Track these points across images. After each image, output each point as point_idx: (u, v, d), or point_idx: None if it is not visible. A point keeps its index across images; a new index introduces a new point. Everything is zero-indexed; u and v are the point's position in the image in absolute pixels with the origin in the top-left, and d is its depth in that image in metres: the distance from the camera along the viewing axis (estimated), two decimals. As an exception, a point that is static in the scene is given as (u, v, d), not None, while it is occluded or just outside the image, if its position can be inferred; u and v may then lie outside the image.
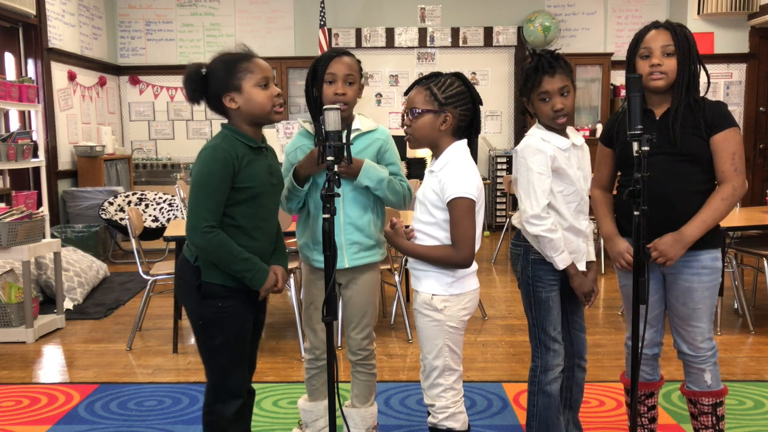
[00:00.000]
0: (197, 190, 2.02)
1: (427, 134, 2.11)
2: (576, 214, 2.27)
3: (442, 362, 2.11)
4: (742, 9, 7.82)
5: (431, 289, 2.11)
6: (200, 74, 2.07)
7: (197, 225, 2.00)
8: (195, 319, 2.14)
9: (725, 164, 2.23)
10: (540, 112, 2.24)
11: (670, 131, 2.23)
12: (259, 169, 2.10)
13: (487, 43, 8.57)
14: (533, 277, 2.29)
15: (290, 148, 2.55)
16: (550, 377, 2.31)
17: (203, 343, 2.15)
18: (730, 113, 2.28)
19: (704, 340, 2.31)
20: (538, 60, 2.20)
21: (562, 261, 2.22)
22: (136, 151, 8.66)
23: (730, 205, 2.24)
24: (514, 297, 5.28)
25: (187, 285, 2.12)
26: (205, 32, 8.56)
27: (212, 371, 2.16)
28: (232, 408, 2.15)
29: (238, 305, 2.12)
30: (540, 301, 2.29)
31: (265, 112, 2.09)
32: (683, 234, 2.22)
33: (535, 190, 2.19)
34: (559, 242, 2.20)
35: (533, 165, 2.20)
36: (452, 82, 2.10)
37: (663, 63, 2.23)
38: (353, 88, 2.43)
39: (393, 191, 2.47)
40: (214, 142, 2.05)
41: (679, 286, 2.31)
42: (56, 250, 4.62)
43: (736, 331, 4.31)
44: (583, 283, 2.27)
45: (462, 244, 2.03)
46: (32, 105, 5.00)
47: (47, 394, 3.40)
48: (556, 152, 2.21)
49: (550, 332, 2.29)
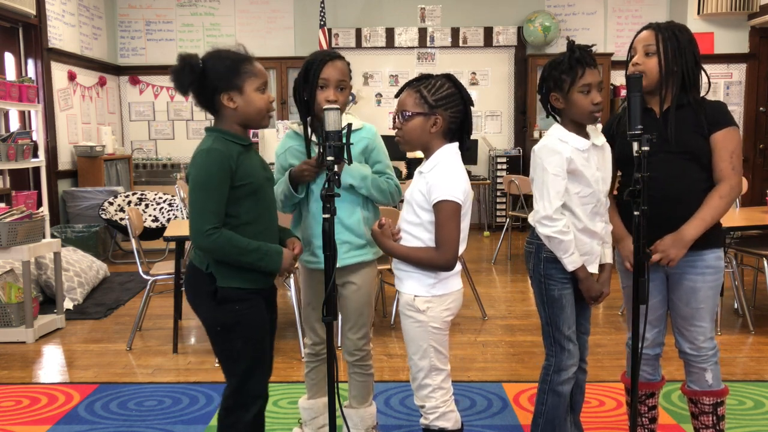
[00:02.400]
0: (197, 194, 2.00)
1: (418, 137, 2.10)
2: (592, 216, 2.23)
3: (428, 363, 2.11)
4: (742, 9, 7.82)
5: (413, 290, 2.10)
6: (198, 67, 2.05)
7: (201, 229, 1.98)
8: (213, 327, 2.11)
9: (723, 162, 2.23)
10: (577, 106, 2.16)
11: (670, 130, 2.23)
12: (253, 164, 2.10)
13: (487, 43, 8.57)
14: (545, 275, 2.27)
15: (279, 150, 2.56)
16: (563, 377, 2.29)
17: (224, 349, 2.13)
18: (730, 113, 2.29)
19: (706, 340, 2.31)
20: (580, 52, 2.15)
21: (571, 263, 2.20)
22: (136, 151, 8.66)
23: (728, 203, 2.24)
24: (514, 297, 5.28)
25: (201, 293, 2.10)
26: (205, 32, 8.56)
27: (234, 375, 2.13)
28: (253, 411, 2.13)
29: (257, 306, 2.12)
30: (552, 299, 2.28)
31: (261, 116, 2.10)
32: (683, 233, 2.22)
33: (548, 191, 2.17)
34: (569, 244, 2.18)
35: (548, 166, 2.17)
36: (442, 84, 2.08)
37: (642, 63, 2.24)
38: (344, 93, 2.44)
39: (378, 188, 2.47)
40: (207, 145, 2.03)
41: (684, 286, 2.31)
42: (56, 250, 4.62)
43: (736, 331, 4.31)
44: (591, 287, 2.25)
45: (445, 246, 2.03)
46: (32, 105, 5.00)
47: (47, 394, 3.40)
48: (574, 153, 2.18)
49: (564, 331, 2.28)
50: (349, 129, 2.06)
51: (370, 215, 2.54)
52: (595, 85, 2.15)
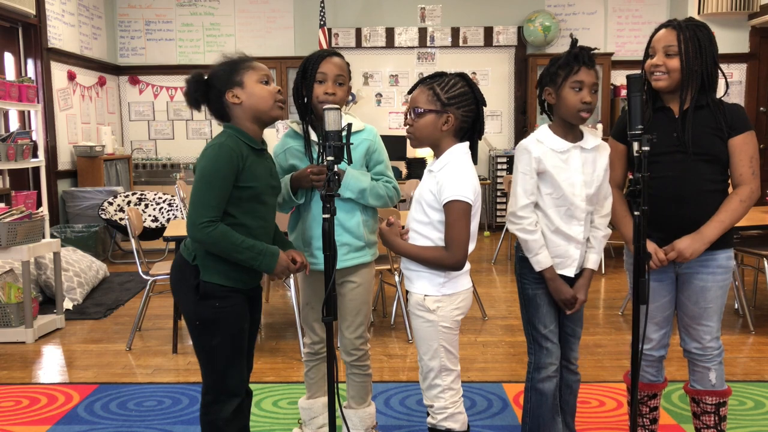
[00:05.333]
0: (200, 186, 2.03)
1: (429, 134, 2.10)
2: (567, 219, 2.21)
3: (438, 363, 2.11)
4: (742, 9, 7.82)
5: (423, 290, 2.10)
6: (203, 78, 2.13)
7: (197, 220, 2.01)
8: (193, 320, 2.13)
9: (743, 167, 2.23)
10: (566, 102, 2.15)
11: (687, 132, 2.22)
12: (261, 170, 2.13)
13: (487, 43, 8.57)
14: (521, 273, 2.30)
15: (278, 150, 2.56)
16: (542, 375, 2.30)
17: (201, 344, 2.15)
18: (748, 117, 2.28)
19: (712, 339, 2.32)
20: (579, 50, 2.15)
21: (537, 263, 2.21)
22: (136, 151, 8.65)
23: (747, 207, 2.25)
24: (514, 297, 5.28)
25: (185, 285, 2.12)
26: (204, 32, 8.56)
27: (210, 372, 2.16)
28: (230, 408, 2.15)
29: (237, 305, 2.13)
30: (528, 297, 2.29)
31: (268, 106, 2.12)
32: (703, 234, 2.22)
33: (516, 189, 2.20)
34: (535, 244, 2.18)
35: (519, 164, 2.21)
36: (456, 82, 2.08)
37: (664, 63, 2.22)
38: (343, 89, 2.44)
39: (376, 197, 2.46)
40: (220, 140, 2.07)
41: (694, 285, 2.31)
42: (56, 250, 4.61)
43: (737, 332, 4.30)
44: (559, 289, 2.22)
45: (455, 246, 2.03)
46: (32, 105, 4.99)
47: (47, 395, 3.40)
48: (548, 154, 2.17)
49: (541, 329, 2.28)
50: (349, 129, 2.05)
51: (369, 218, 2.54)
52: (588, 85, 2.14)
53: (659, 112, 2.29)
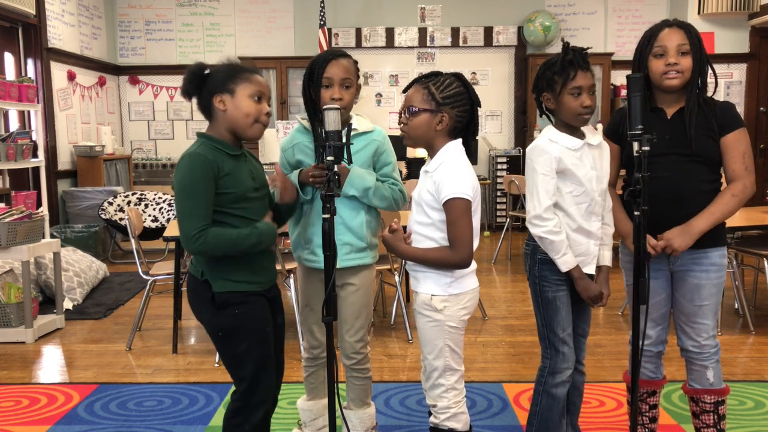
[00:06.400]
0: (181, 199, 2.02)
1: (423, 133, 2.10)
2: (587, 216, 2.22)
3: (443, 362, 2.11)
4: (742, 9, 7.82)
5: (430, 290, 2.10)
6: (203, 71, 2.10)
7: (189, 234, 2.00)
8: (215, 332, 2.12)
9: (736, 164, 2.23)
10: (566, 108, 2.17)
11: (687, 132, 2.23)
12: (240, 174, 2.09)
13: (487, 43, 8.57)
14: (540, 276, 2.27)
15: (287, 144, 2.54)
16: (557, 380, 2.29)
17: (227, 354, 2.14)
18: (738, 113, 2.29)
19: (709, 337, 2.32)
20: (573, 54, 2.14)
21: (564, 264, 2.19)
22: (136, 151, 8.65)
23: (740, 202, 2.24)
24: (514, 297, 5.28)
25: (201, 301, 2.12)
26: (204, 32, 8.55)
27: (241, 380, 2.13)
28: (260, 414, 2.13)
29: (255, 309, 2.12)
30: (547, 301, 2.27)
31: (247, 124, 2.08)
32: (692, 225, 2.22)
33: (538, 191, 2.18)
34: (561, 245, 2.17)
35: (537, 166, 2.18)
36: (451, 82, 2.08)
37: (679, 62, 2.22)
38: (350, 92, 2.40)
39: (380, 197, 2.44)
40: (191, 150, 2.06)
41: (688, 283, 2.31)
42: (56, 250, 4.61)
43: (737, 332, 4.30)
44: (587, 287, 2.23)
45: (460, 244, 2.02)
46: (32, 105, 4.99)
47: (47, 395, 3.40)
48: (564, 153, 2.17)
49: (559, 333, 2.27)
50: (349, 129, 2.05)
51: (372, 219, 2.53)
52: (587, 89, 2.15)
53: (651, 114, 2.30)
